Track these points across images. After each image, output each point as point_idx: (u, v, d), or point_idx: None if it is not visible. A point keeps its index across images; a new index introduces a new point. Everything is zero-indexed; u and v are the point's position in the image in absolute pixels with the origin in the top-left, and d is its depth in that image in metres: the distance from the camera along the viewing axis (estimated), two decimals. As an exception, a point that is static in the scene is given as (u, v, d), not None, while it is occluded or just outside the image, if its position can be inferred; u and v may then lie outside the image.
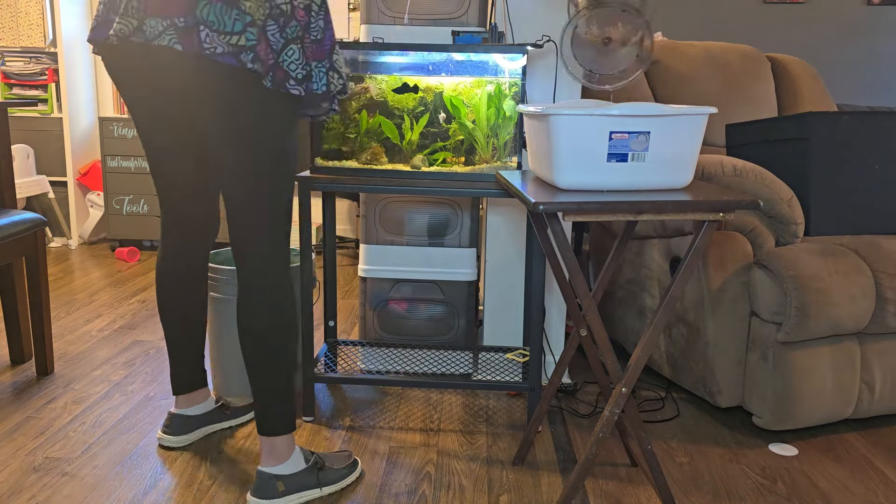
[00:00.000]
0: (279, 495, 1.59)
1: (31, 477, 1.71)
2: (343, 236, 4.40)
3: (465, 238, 2.32)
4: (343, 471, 1.71)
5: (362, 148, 1.98)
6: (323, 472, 1.66)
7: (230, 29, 1.41)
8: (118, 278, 3.44)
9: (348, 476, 1.71)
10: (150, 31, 1.43)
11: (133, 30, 1.45)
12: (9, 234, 2.10)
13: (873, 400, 1.99)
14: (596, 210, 1.37)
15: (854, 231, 2.12)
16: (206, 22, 1.41)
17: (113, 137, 3.88)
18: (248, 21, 1.41)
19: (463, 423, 2.05)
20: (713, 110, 1.47)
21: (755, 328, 1.97)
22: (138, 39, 1.45)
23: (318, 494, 1.65)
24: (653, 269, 2.26)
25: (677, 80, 2.77)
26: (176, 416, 1.88)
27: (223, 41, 1.41)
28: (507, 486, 1.73)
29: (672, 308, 1.46)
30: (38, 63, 3.92)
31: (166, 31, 1.42)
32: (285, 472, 1.60)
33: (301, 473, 1.63)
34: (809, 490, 1.74)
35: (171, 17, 1.42)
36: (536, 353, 1.94)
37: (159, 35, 1.43)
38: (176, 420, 1.87)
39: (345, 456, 1.75)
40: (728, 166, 2.01)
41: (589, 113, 1.42)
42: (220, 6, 1.41)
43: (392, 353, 2.25)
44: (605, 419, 1.49)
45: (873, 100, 4.14)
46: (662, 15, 4.07)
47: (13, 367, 2.36)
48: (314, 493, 1.64)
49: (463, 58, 1.93)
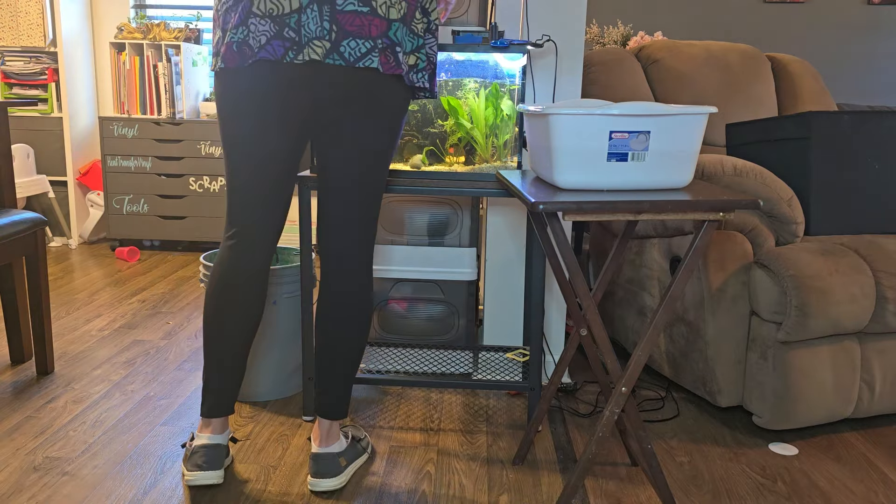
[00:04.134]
0: (343, 469, 1.72)
1: (32, 476, 1.71)
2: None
3: (466, 238, 2.32)
4: (364, 438, 1.87)
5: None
6: (358, 441, 1.82)
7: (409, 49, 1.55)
8: (118, 278, 3.44)
9: (367, 437, 1.88)
10: (350, 52, 1.47)
11: (327, 52, 1.47)
12: (9, 234, 2.10)
13: (873, 399, 1.99)
14: (596, 209, 1.37)
15: (854, 230, 2.12)
16: (400, 43, 1.52)
17: (113, 137, 3.88)
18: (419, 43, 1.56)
19: (463, 422, 2.05)
20: (713, 110, 1.47)
21: (755, 328, 1.97)
22: (334, 62, 1.48)
23: (365, 458, 1.83)
24: (653, 269, 2.27)
25: (677, 80, 2.77)
26: (210, 448, 1.65)
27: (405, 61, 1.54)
28: (507, 486, 1.73)
29: (672, 308, 1.46)
30: (38, 63, 3.92)
31: (371, 52, 1.48)
32: (341, 449, 1.74)
33: (349, 447, 1.77)
34: (809, 489, 1.74)
35: (373, 39, 1.48)
36: (536, 352, 1.94)
37: (364, 56, 1.48)
38: (210, 452, 1.64)
39: (354, 427, 1.90)
40: (728, 166, 2.01)
41: (589, 112, 1.42)
42: (405, 29, 1.52)
43: (392, 353, 2.25)
44: (605, 419, 1.49)
45: (873, 100, 4.14)
46: (662, 15, 4.07)
47: (13, 366, 2.36)
48: (363, 458, 1.82)
49: (463, 57, 1.93)
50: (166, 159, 3.91)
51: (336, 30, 1.46)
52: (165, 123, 3.88)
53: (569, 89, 2.20)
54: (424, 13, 1.56)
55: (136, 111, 3.99)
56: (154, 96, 3.98)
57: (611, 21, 4.05)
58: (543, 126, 1.48)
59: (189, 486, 1.66)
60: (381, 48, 1.49)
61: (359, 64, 1.48)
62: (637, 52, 2.89)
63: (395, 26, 1.49)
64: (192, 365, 2.39)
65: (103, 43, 4.22)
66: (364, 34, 1.47)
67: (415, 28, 1.54)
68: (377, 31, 1.48)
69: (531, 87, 2.20)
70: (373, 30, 1.48)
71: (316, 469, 1.68)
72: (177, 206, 3.95)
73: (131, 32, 3.97)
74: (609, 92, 2.69)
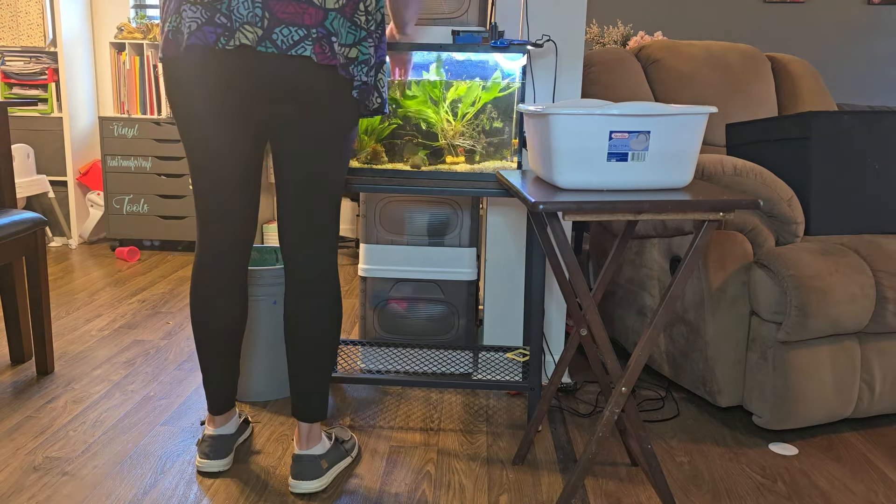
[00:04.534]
0: (325, 472, 1.70)
1: (31, 476, 1.71)
2: (343, 236, 4.40)
3: (465, 238, 2.32)
4: (351, 440, 1.85)
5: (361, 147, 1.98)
6: (342, 442, 1.80)
7: (346, 41, 1.48)
8: (118, 278, 3.44)
9: (356, 444, 1.86)
10: (283, 40, 1.43)
11: (259, 39, 1.43)
12: (9, 234, 2.10)
13: (873, 399, 1.99)
14: (596, 209, 1.37)
15: (854, 230, 2.12)
16: (336, 33, 1.46)
17: (113, 137, 3.88)
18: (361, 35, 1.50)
19: (463, 422, 2.05)
20: (713, 110, 1.47)
21: (755, 328, 1.97)
22: (266, 49, 1.43)
23: (349, 461, 1.80)
24: (653, 269, 2.27)
25: (677, 80, 2.77)
26: (216, 438, 1.75)
27: (343, 53, 1.48)
28: (507, 486, 1.73)
29: (672, 308, 1.46)
30: (38, 63, 3.92)
31: (304, 40, 1.44)
32: (323, 451, 1.71)
33: (332, 449, 1.75)
34: (809, 489, 1.74)
35: (307, 27, 1.44)
36: (536, 352, 1.94)
37: (297, 44, 1.43)
38: (217, 442, 1.75)
39: (341, 429, 1.87)
40: (728, 166, 2.01)
41: (589, 112, 1.42)
42: (342, 19, 1.47)
43: (392, 353, 2.25)
44: (605, 419, 1.49)
45: (873, 99, 4.14)
46: (662, 15, 4.07)
47: (13, 366, 2.36)
48: (346, 461, 1.79)
49: (463, 57, 1.93)
50: (166, 159, 3.91)
51: (268, 17, 1.42)
52: (165, 123, 3.88)
53: (569, 89, 2.20)
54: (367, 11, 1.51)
55: (136, 111, 3.99)
56: (154, 96, 3.98)
57: (611, 21, 4.05)
58: (543, 126, 1.48)
59: (198, 471, 1.76)
60: (316, 38, 1.44)
61: (291, 52, 1.43)
62: (637, 52, 2.89)
63: (331, 16, 1.45)
64: (192, 365, 2.39)
65: (103, 43, 4.22)
66: (297, 22, 1.43)
67: (357, 20, 1.49)
68: (311, 20, 1.44)
69: (531, 87, 2.20)
70: (307, 18, 1.43)
71: (296, 471, 1.67)
72: (177, 206, 3.95)
73: (131, 32, 3.97)
74: (609, 92, 2.69)
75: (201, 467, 1.74)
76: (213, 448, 1.74)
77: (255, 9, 1.42)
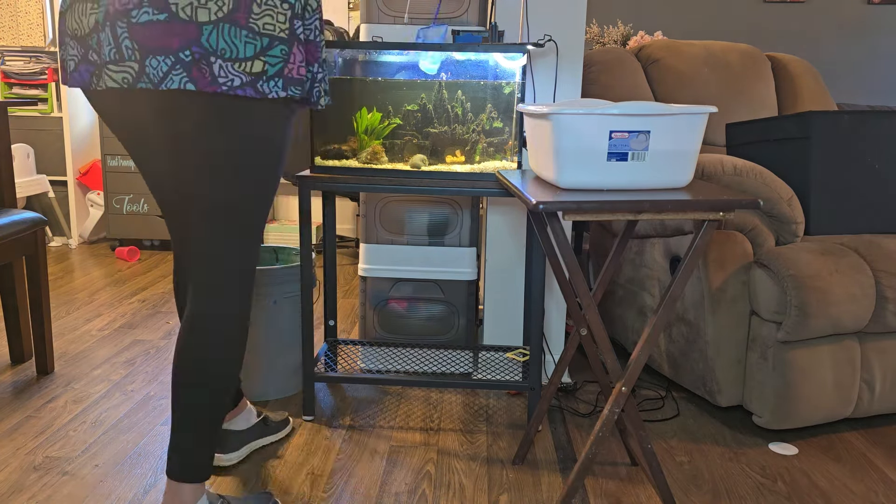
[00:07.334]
0: None
1: (32, 476, 1.71)
2: (343, 236, 4.40)
3: (465, 237, 2.32)
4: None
5: (362, 147, 1.98)
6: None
7: (242, 55, 1.22)
8: (118, 278, 3.44)
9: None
10: (154, 72, 1.21)
11: (136, 75, 1.23)
12: (9, 234, 2.10)
13: (873, 399, 1.99)
14: (596, 209, 1.37)
15: (854, 230, 2.12)
16: (216, 51, 1.21)
17: (113, 137, 3.87)
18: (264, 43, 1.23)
19: (463, 422, 2.05)
20: (713, 109, 1.47)
21: (755, 327, 1.97)
22: (146, 85, 1.23)
23: None
24: (653, 269, 2.27)
25: (677, 80, 2.77)
26: (223, 433, 1.76)
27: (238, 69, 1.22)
28: (507, 486, 1.73)
29: (672, 307, 1.46)
30: (37, 62, 3.92)
31: (173, 69, 1.21)
32: None
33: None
34: (809, 489, 1.74)
35: (174, 52, 1.20)
36: (536, 352, 1.94)
37: (165, 75, 1.21)
38: (224, 436, 1.77)
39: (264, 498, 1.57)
40: (728, 165, 2.01)
41: (589, 112, 1.42)
42: (228, 28, 1.20)
43: (392, 353, 2.25)
44: (605, 418, 1.49)
45: (873, 99, 4.14)
46: (662, 15, 4.07)
47: (13, 366, 2.36)
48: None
49: (463, 57, 1.93)
50: (166, 159, 3.90)
51: (138, 47, 1.21)
52: (165, 123, 3.88)
53: (569, 89, 2.20)
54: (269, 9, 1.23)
55: (136, 111, 3.98)
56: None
57: (611, 21, 4.05)
58: (544, 126, 1.48)
59: None
60: (189, 62, 1.20)
61: (162, 86, 1.21)
62: (637, 52, 2.89)
63: (206, 30, 1.20)
64: (192, 365, 2.39)
65: (103, 43, 4.21)
66: (164, 48, 1.20)
67: (254, 25, 1.22)
68: (179, 42, 1.20)
69: (531, 87, 2.20)
70: (174, 41, 1.19)
71: None
72: (177, 205, 3.94)
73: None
74: (609, 92, 2.69)
75: None
76: (220, 443, 1.75)
77: (124, 41, 1.22)
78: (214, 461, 1.74)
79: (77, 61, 1.30)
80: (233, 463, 1.78)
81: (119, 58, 1.23)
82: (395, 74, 1.94)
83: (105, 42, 1.24)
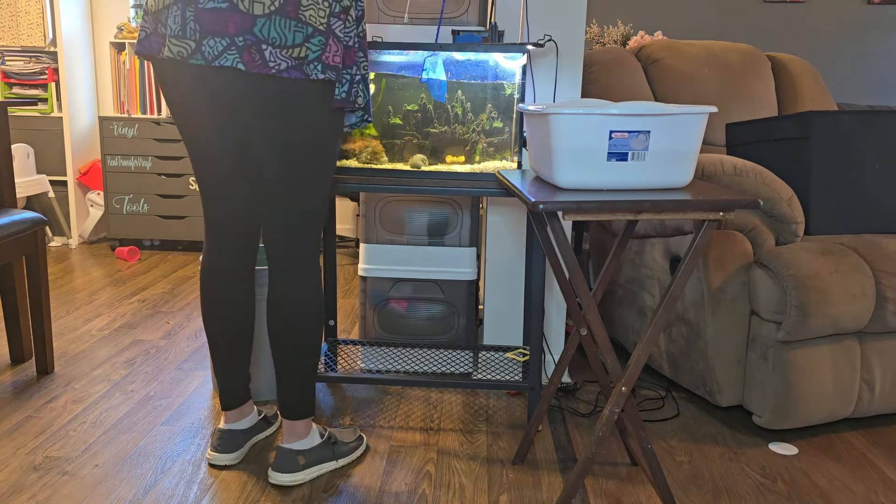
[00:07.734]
0: (301, 468, 1.69)
1: (32, 476, 1.71)
2: (343, 236, 4.40)
3: (465, 237, 2.32)
4: (353, 444, 1.82)
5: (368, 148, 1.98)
6: (336, 445, 1.78)
7: (291, 42, 1.44)
8: (118, 278, 3.44)
9: (357, 448, 1.83)
10: (209, 51, 1.44)
11: (191, 52, 1.46)
12: (9, 234, 2.10)
13: (873, 399, 1.99)
14: (595, 209, 1.37)
15: (854, 230, 2.12)
16: (267, 40, 1.43)
17: (113, 136, 3.88)
18: (308, 32, 1.45)
19: (463, 422, 2.05)
20: (713, 109, 1.47)
21: (755, 327, 1.97)
22: (197, 62, 1.45)
23: (335, 466, 1.77)
24: (653, 269, 2.27)
25: (677, 80, 2.77)
26: (226, 433, 1.79)
27: (286, 55, 1.45)
28: (507, 486, 1.73)
29: (672, 307, 1.46)
30: (38, 62, 3.92)
31: (227, 50, 1.44)
32: (305, 447, 1.71)
33: (318, 447, 1.73)
34: (809, 489, 1.74)
35: (230, 37, 1.43)
36: (536, 352, 1.94)
37: (220, 54, 1.44)
38: (226, 436, 1.79)
39: (352, 431, 1.86)
40: (728, 165, 2.01)
41: (589, 112, 1.42)
42: (280, 20, 1.43)
43: (392, 353, 2.25)
44: (605, 418, 1.49)
45: (873, 99, 4.14)
46: (662, 15, 4.07)
47: (13, 366, 2.36)
48: (331, 465, 1.76)
49: (463, 57, 1.93)
50: (166, 159, 3.91)
51: (199, 29, 1.44)
52: (165, 123, 3.88)
53: (569, 89, 2.20)
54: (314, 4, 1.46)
55: (136, 111, 3.99)
56: (154, 96, 3.97)
57: (611, 21, 4.05)
58: (543, 126, 1.48)
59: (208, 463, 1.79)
60: (242, 46, 1.43)
61: (214, 63, 1.44)
62: (637, 51, 2.89)
63: (260, 22, 1.43)
64: (191, 365, 2.39)
65: (103, 43, 4.22)
66: (221, 31, 1.43)
67: (302, 16, 1.44)
68: (235, 28, 1.43)
69: (531, 87, 2.20)
70: (230, 26, 1.43)
71: (274, 462, 1.71)
72: (177, 205, 3.95)
73: (131, 32, 3.97)
74: (609, 92, 2.69)
75: (210, 459, 1.78)
76: (222, 442, 1.78)
77: (188, 22, 1.45)
78: (215, 461, 1.77)
79: (148, 32, 1.53)
80: (234, 462, 1.78)
81: (182, 34, 1.46)
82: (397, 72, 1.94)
83: (173, 19, 1.46)
